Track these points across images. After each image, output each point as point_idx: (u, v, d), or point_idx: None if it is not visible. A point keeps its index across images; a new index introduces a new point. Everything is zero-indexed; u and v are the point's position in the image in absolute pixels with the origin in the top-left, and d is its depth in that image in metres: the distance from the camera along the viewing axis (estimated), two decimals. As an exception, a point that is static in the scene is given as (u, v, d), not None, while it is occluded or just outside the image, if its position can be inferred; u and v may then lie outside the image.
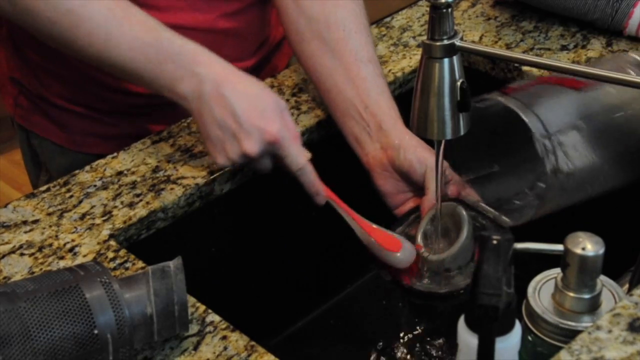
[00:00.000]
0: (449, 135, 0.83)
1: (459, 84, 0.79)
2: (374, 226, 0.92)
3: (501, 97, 0.84)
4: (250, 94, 0.88)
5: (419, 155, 0.93)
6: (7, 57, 1.11)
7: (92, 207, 0.91)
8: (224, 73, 0.88)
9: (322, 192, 0.92)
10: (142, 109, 1.09)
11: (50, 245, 0.86)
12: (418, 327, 1.04)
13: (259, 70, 1.16)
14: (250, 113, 0.87)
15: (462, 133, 0.83)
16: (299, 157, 0.90)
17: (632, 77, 0.75)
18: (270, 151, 0.89)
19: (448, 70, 0.79)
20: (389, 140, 0.94)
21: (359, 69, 0.95)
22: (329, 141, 1.04)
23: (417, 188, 0.95)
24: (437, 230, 0.91)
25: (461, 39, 0.78)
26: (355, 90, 0.95)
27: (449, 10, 0.77)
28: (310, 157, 0.92)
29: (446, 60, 0.79)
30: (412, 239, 0.92)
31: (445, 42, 0.78)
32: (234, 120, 0.87)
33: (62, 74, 1.07)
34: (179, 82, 0.88)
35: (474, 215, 0.92)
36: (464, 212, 0.90)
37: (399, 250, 0.90)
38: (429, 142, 0.88)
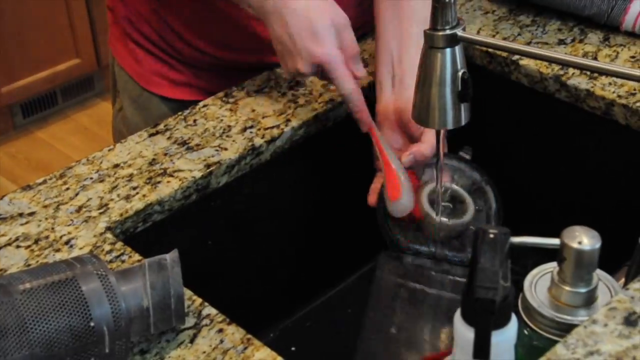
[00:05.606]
0: (449, 125, 0.83)
1: (460, 74, 0.80)
2: (394, 167, 0.94)
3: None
4: (307, 15, 0.92)
5: None
6: None
7: (89, 199, 0.91)
8: None
9: (365, 122, 0.96)
10: (207, 65, 1.14)
11: (47, 237, 0.86)
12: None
13: None
14: (302, 33, 0.92)
15: (462, 123, 0.83)
16: (345, 83, 0.93)
17: (629, 69, 0.75)
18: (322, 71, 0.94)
19: (450, 60, 0.79)
20: (405, 93, 0.98)
21: (410, 26, 1.02)
22: (326, 134, 1.04)
23: (407, 143, 0.99)
24: (438, 206, 0.94)
25: (463, 29, 0.78)
26: (399, 44, 1.02)
27: (452, 0, 0.77)
28: (363, 76, 0.96)
29: (448, 50, 0.79)
30: None
31: (448, 32, 0.78)
32: (289, 39, 0.92)
33: (144, 14, 1.13)
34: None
35: None
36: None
37: (395, 199, 0.92)
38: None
